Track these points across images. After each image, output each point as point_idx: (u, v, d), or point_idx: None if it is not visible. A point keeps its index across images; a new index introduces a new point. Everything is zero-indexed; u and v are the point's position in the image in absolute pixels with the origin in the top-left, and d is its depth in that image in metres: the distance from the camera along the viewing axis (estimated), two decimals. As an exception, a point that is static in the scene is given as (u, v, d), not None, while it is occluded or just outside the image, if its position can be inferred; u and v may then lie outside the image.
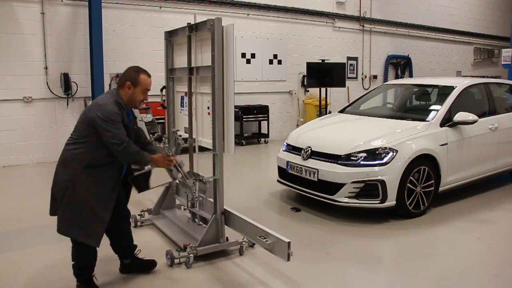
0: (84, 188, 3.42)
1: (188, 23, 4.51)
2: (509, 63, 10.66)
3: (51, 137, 8.92)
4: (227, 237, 4.39)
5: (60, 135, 8.94)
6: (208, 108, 4.28)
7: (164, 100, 5.30)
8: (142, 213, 5.28)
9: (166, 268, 4.09)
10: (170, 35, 5.03)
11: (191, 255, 4.11)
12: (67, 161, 3.48)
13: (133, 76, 3.63)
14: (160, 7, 9.95)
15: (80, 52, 9.06)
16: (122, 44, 9.55)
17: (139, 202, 6.12)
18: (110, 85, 8.74)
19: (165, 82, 5.21)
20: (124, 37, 9.57)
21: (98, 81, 8.76)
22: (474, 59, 18.18)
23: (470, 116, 5.83)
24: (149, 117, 7.22)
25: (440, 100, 6.32)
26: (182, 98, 4.96)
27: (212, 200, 4.35)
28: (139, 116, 7.02)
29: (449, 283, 3.87)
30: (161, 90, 5.33)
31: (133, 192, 4.20)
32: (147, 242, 4.73)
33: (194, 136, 4.64)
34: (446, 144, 5.73)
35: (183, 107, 4.93)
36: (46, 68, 8.75)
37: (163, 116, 8.61)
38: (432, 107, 6.37)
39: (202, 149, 4.46)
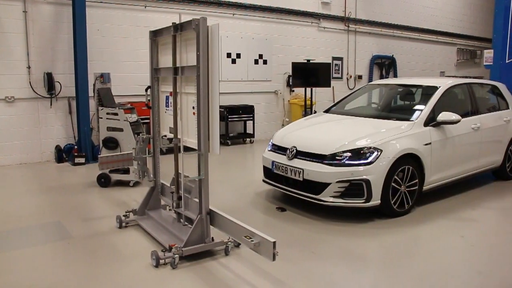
0: None
1: (173, 23, 4.49)
2: (491, 63, 10.77)
3: (34, 137, 8.81)
4: (212, 237, 4.39)
5: (44, 135, 8.85)
6: (193, 108, 4.27)
7: (149, 100, 5.27)
8: (127, 213, 5.24)
9: (152, 268, 4.07)
10: (155, 35, 5.00)
11: (177, 255, 4.09)
12: None
13: None
14: (145, 7, 9.89)
15: (64, 51, 8.98)
16: (107, 43, 9.47)
17: (124, 202, 6.09)
18: (94, 85, 8.65)
19: (150, 82, 5.17)
20: (109, 36, 9.50)
21: (82, 81, 8.68)
22: (457, 60, 18.41)
23: (453, 116, 5.90)
24: (134, 117, 7.15)
25: (424, 100, 6.38)
26: (167, 98, 4.94)
27: (197, 200, 4.34)
28: (124, 116, 6.97)
29: (433, 281, 3.92)
30: (146, 90, 5.32)
31: (120, 193, 4.17)
32: (132, 243, 4.71)
33: (179, 136, 4.62)
34: (430, 143, 5.79)
35: (168, 107, 4.91)
36: (29, 67, 8.64)
37: (148, 116, 8.57)
38: (416, 107, 6.42)
39: (187, 149, 4.45)
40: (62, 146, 8.95)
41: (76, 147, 8.74)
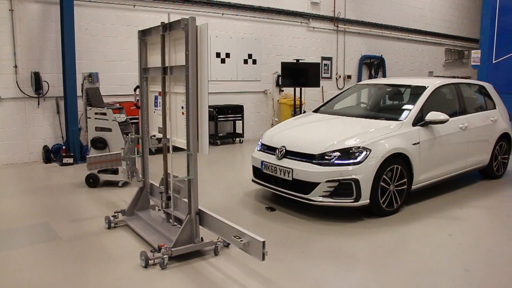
0: None
1: (162, 22, 4.47)
2: (478, 64, 10.90)
3: (21, 137, 8.72)
4: (202, 237, 4.38)
5: (31, 135, 8.77)
6: (182, 108, 4.26)
7: (137, 100, 5.25)
8: (116, 214, 5.21)
9: (141, 269, 4.05)
10: (144, 34, 4.97)
11: (166, 256, 4.08)
12: None
13: None
14: (134, 6, 9.85)
15: (52, 50, 8.90)
16: (95, 43, 9.41)
17: (113, 203, 6.06)
18: (82, 84, 8.60)
19: (138, 82, 5.15)
20: (97, 35, 9.44)
21: (70, 81, 8.62)
22: (445, 60, 18.56)
23: (442, 116, 5.95)
24: (122, 117, 7.11)
25: (413, 100, 6.42)
26: (156, 98, 4.91)
27: (186, 200, 4.33)
28: (113, 116, 6.93)
29: (421, 279, 3.94)
30: (135, 90, 5.29)
31: (109, 193, 4.15)
32: (121, 244, 4.68)
33: (168, 136, 4.60)
34: (418, 143, 5.83)
35: (157, 107, 4.89)
36: (15, 66, 8.55)
37: (137, 116, 8.52)
38: (405, 107, 6.46)
39: (176, 149, 4.43)
40: (50, 146, 8.87)
41: (64, 147, 8.67)
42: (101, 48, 9.49)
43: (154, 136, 5.05)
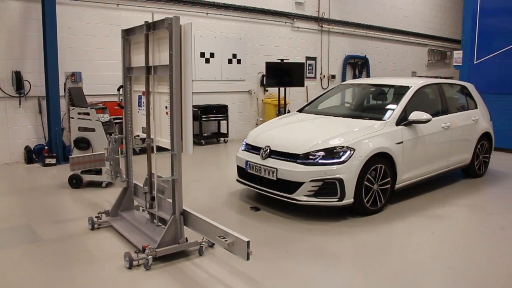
0: None
1: (145, 22, 4.44)
2: (460, 64, 11.05)
3: (2, 138, 8.58)
4: (186, 238, 4.36)
5: (12, 136, 8.64)
6: (166, 108, 4.24)
7: (121, 99, 5.20)
8: (100, 215, 5.16)
9: (125, 270, 4.02)
10: (127, 34, 4.94)
11: (150, 256, 4.06)
12: None
13: None
14: (118, 5, 9.76)
15: (33, 49, 8.78)
16: (78, 42, 9.31)
17: (97, 204, 6.00)
18: (65, 84, 8.50)
19: (122, 81, 5.11)
20: (80, 34, 9.33)
21: (52, 80, 8.51)
22: (428, 60, 18.76)
23: (424, 115, 6.01)
24: (106, 117, 7.04)
25: (396, 100, 6.48)
26: (139, 97, 4.88)
27: (170, 200, 4.31)
28: (96, 116, 6.86)
29: (405, 277, 3.98)
30: (118, 90, 5.24)
31: (92, 194, 4.11)
32: (105, 245, 4.64)
33: (152, 136, 4.58)
34: (402, 142, 5.88)
35: (141, 106, 4.86)
36: (-4, 66, 8.44)
37: (121, 116, 8.45)
38: (388, 107, 6.51)
39: (160, 149, 4.41)
40: (32, 147, 8.76)
41: (46, 147, 8.57)
42: (84, 47, 9.39)
43: (138, 136, 5.02)
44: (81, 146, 6.86)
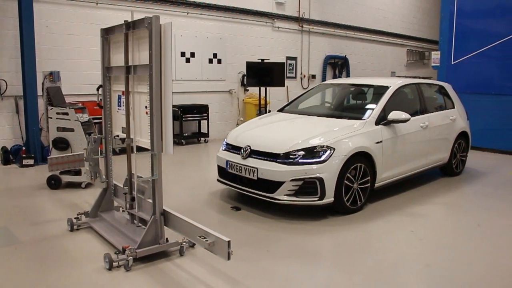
0: None
1: (125, 21, 4.41)
2: (438, 64, 11.23)
3: (-21, 138, 8.45)
4: (167, 238, 4.34)
5: (-11, 136, 8.50)
6: (146, 107, 4.21)
7: (100, 99, 5.15)
8: (79, 216, 5.10)
9: (105, 272, 3.99)
10: (107, 33, 4.89)
11: (130, 257, 4.03)
12: None
13: None
14: (97, 3, 9.66)
15: (10, 48, 8.63)
16: (56, 41, 9.18)
17: (76, 205, 5.94)
18: (43, 83, 8.37)
19: (101, 81, 5.06)
20: (58, 33, 9.21)
21: (30, 80, 8.37)
22: (407, 60, 18.99)
23: (403, 115, 6.08)
24: (85, 117, 6.97)
25: (375, 99, 6.54)
26: (119, 97, 4.84)
27: (151, 201, 4.29)
28: (75, 116, 6.78)
29: (385, 275, 4.03)
30: (98, 89, 5.19)
31: (72, 195, 4.06)
32: (85, 246, 4.59)
33: (131, 136, 4.55)
34: (381, 141, 5.94)
35: (121, 106, 4.82)
36: (-29, 65, 8.27)
37: (100, 116, 8.36)
38: (368, 106, 6.57)
39: (140, 149, 4.38)
40: (8, 147, 8.61)
41: (24, 148, 8.43)
42: (63, 46, 9.27)
43: (118, 136, 4.97)
44: (59, 146, 6.77)
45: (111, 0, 9.83)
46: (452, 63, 10.97)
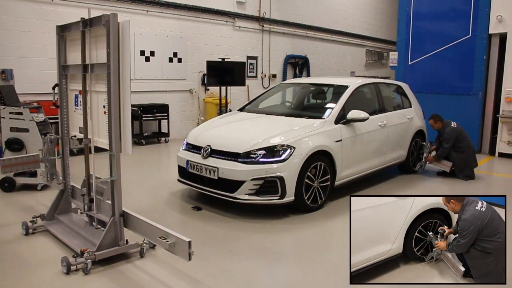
0: None
1: (82, 18, 4.30)
2: (396, 65, 11.51)
3: None
4: (126, 240, 4.27)
5: None
6: (104, 107, 4.13)
7: (57, 98, 5.02)
8: (35, 219, 4.94)
9: (62, 276, 3.88)
10: (63, 30, 4.76)
11: (89, 260, 3.94)
12: None
13: None
14: (53, 0, 9.39)
15: (-40, 45, 8.29)
16: (9, 37, 8.85)
17: (31, 207, 5.76)
18: (-5, 82, 8.08)
19: (57, 80, 4.92)
20: (12, 30, 8.88)
21: (-19, 78, 8.07)
22: (366, 61, 19.36)
23: (362, 114, 6.20)
24: (41, 117, 6.76)
25: (335, 99, 6.63)
26: (76, 96, 4.73)
27: (110, 202, 4.21)
28: (30, 115, 6.58)
29: (346, 272, 4.08)
30: (54, 88, 5.05)
31: (27, 198, 3.94)
32: (41, 250, 4.46)
33: (89, 137, 4.45)
34: (341, 140, 6.03)
35: (78, 106, 4.71)
36: None
37: (57, 116, 8.14)
38: (328, 105, 6.66)
39: (99, 149, 4.30)
40: (-41, 149, 8.27)
41: (-25, 149, 8.11)
42: (16, 43, 8.95)
43: (75, 136, 4.85)
44: (13, 147, 6.54)
45: (67, -3, 9.58)
46: (409, 63, 11.27)
